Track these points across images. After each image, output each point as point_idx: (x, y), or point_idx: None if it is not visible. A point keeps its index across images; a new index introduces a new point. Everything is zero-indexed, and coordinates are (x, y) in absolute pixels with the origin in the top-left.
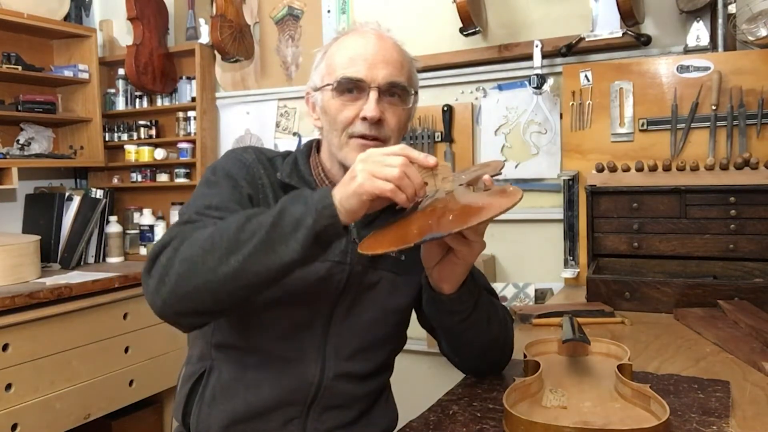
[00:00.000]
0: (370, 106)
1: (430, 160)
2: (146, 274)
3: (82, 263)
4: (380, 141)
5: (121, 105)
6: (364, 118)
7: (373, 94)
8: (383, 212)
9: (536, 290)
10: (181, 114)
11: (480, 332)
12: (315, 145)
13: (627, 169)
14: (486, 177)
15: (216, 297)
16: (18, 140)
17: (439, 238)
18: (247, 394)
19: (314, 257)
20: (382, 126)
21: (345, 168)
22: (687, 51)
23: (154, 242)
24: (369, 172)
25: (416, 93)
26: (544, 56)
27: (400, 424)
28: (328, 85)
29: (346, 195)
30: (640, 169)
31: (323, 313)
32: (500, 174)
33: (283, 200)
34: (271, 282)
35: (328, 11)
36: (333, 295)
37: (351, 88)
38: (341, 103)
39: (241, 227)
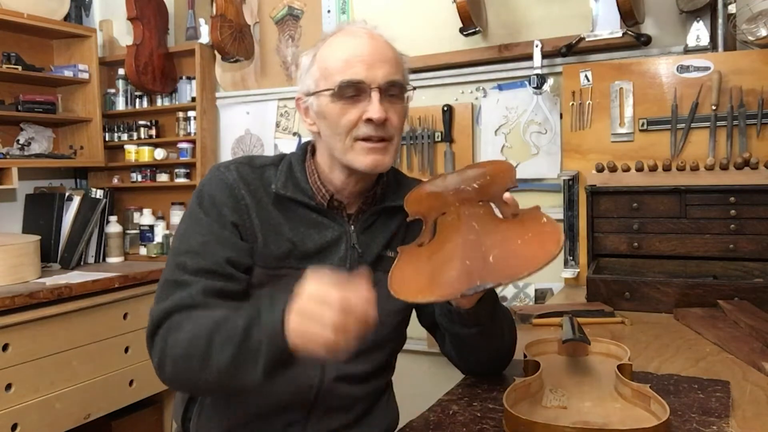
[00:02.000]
0: (374, 108)
1: (370, 316)
2: (149, 346)
3: (82, 263)
4: (386, 140)
5: (121, 105)
6: (369, 120)
7: (375, 95)
8: (380, 216)
9: (536, 290)
10: (181, 114)
11: (494, 341)
12: (310, 149)
13: (627, 169)
14: (507, 195)
15: (208, 391)
16: (18, 140)
17: (490, 288)
18: (248, 399)
19: (281, 373)
20: (386, 126)
21: (351, 171)
22: (687, 51)
23: (152, 307)
24: (301, 332)
25: (414, 89)
26: (544, 56)
27: (400, 424)
28: (326, 90)
29: (293, 336)
30: (640, 169)
31: None
32: (516, 186)
33: (246, 316)
34: (249, 391)
35: (328, 11)
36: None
37: (351, 90)
38: (342, 107)
39: (210, 341)
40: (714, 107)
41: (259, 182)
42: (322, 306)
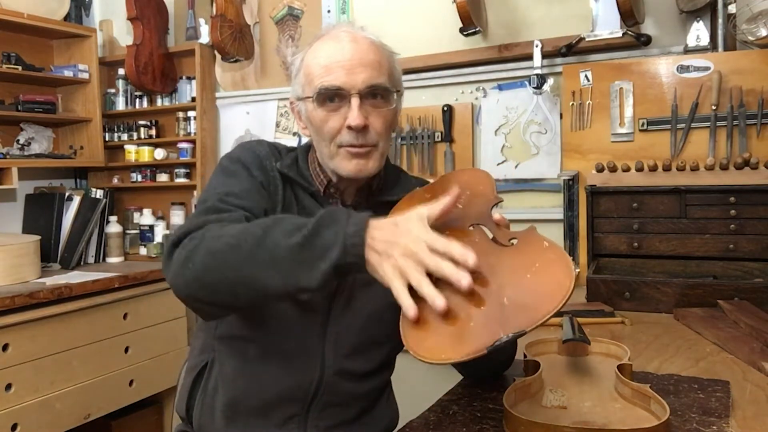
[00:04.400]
0: (353, 114)
1: (470, 260)
2: (168, 257)
3: (82, 263)
4: (368, 146)
5: (121, 105)
6: (350, 127)
7: (354, 101)
8: (377, 210)
9: None
10: (181, 114)
11: (497, 355)
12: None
13: (627, 169)
14: (498, 217)
15: (234, 294)
16: (18, 140)
17: (514, 339)
18: (249, 385)
19: (331, 287)
20: (368, 131)
21: (338, 176)
22: (687, 51)
23: (177, 227)
24: (400, 270)
25: (399, 91)
26: (544, 56)
27: (400, 424)
28: (309, 96)
29: (373, 260)
30: (640, 169)
31: (320, 309)
32: (501, 200)
33: (318, 218)
34: (284, 298)
35: (328, 11)
36: (328, 291)
37: (331, 96)
38: (325, 114)
39: (268, 232)
40: (714, 107)
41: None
42: (421, 226)
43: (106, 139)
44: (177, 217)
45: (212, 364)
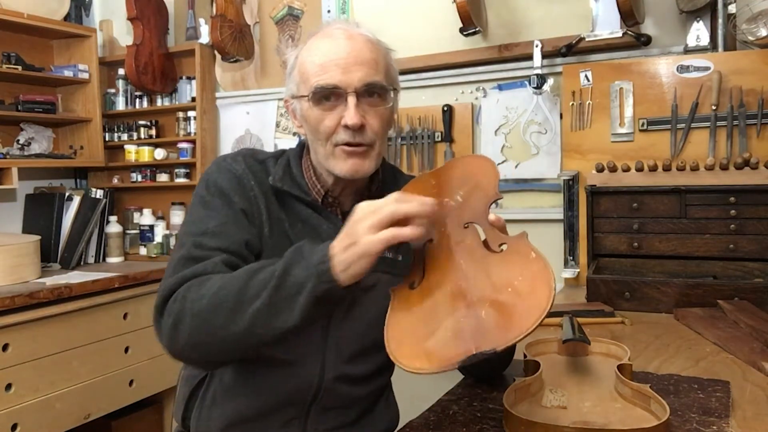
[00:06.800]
0: (350, 113)
1: (427, 205)
2: (157, 322)
3: (82, 263)
4: (365, 146)
5: (121, 105)
6: (346, 126)
7: (351, 100)
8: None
9: None
10: (181, 114)
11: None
12: (307, 146)
13: (627, 169)
14: (493, 217)
15: (227, 350)
16: (18, 140)
17: (488, 355)
18: (248, 396)
19: (318, 318)
20: (365, 131)
21: (335, 177)
22: (687, 51)
23: (162, 283)
24: (369, 227)
25: (395, 90)
26: (544, 56)
27: (400, 424)
28: (304, 95)
29: (350, 260)
30: (640, 169)
31: None
32: (501, 197)
33: (286, 258)
34: (277, 341)
35: (328, 11)
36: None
37: (327, 95)
38: (320, 113)
39: (245, 285)
40: (714, 107)
41: (263, 174)
42: (374, 210)
43: (106, 139)
44: (177, 217)
45: (211, 375)
